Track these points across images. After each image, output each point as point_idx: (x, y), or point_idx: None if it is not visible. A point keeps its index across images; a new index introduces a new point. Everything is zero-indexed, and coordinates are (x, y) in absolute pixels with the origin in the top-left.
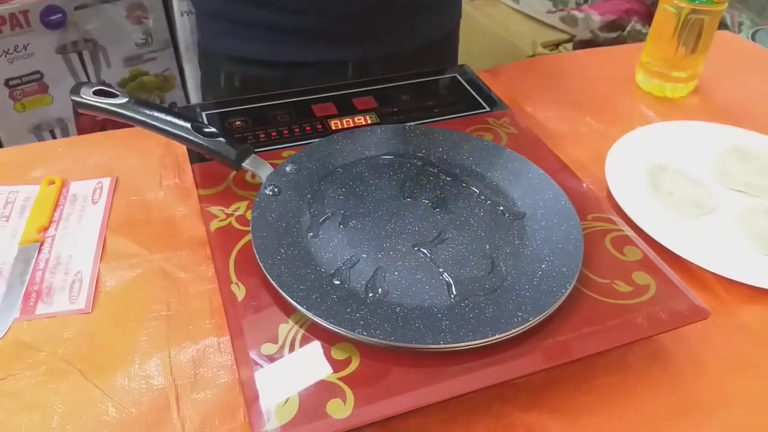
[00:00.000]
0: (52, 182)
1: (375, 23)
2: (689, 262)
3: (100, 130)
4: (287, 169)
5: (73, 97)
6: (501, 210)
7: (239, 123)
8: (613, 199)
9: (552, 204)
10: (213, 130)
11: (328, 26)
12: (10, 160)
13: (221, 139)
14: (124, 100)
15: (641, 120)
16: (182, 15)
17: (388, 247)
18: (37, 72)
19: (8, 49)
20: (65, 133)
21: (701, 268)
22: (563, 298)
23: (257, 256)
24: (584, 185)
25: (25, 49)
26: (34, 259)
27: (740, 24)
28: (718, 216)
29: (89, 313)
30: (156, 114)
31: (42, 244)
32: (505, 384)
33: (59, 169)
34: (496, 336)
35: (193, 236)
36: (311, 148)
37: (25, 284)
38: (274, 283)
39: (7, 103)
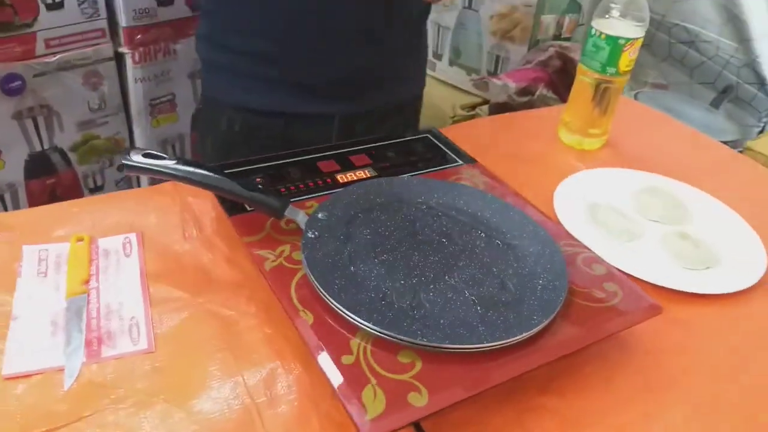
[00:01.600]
0: (80, 239)
1: (359, 85)
2: (629, 274)
3: (50, 194)
4: (319, 216)
5: (125, 162)
6: (497, 242)
7: (259, 179)
8: (565, 230)
9: (534, 235)
10: (258, 186)
11: (322, 83)
12: (28, 221)
13: (264, 193)
14: (173, 162)
15: (570, 168)
16: (135, 82)
17: (418, 274)
18: None
19: None
20: (15, 198)
21: (638, 278)
22: (562, 303)
23: (320, 288)
24: (549, 220)
25: None
26: (86, 309)
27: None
28: (644, 241)
29: (153, 352)
30: (205, 173)
31: (88, 295)
32: (522, 377)
33: (81, 227)
34: (524, 334)
35: (227, 280)
36: (334, 199)
37: (83, 332)
38: (341, 308)
39: None
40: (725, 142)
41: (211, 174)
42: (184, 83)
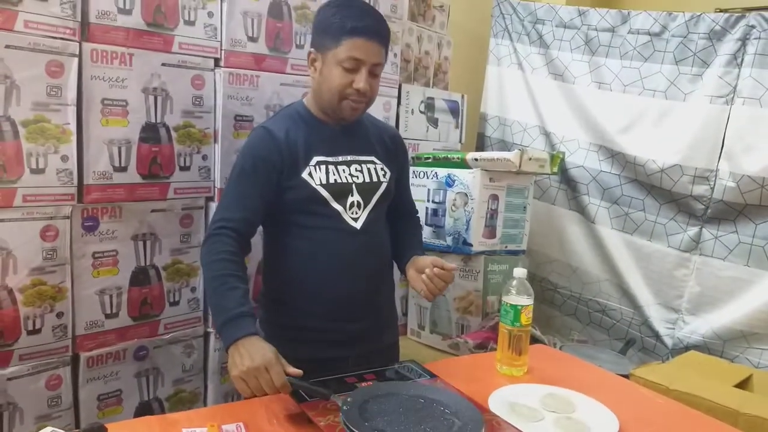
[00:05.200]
0: (212, 425)
1: (362, 337)
2: None
3: None
4: (349, 399)
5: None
6: (443, 409)
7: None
8: (491, 411)
9: (468, 409)
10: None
11: (343, 338)
12: (183, 418)
13: (322, 388)
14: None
15: (501, 385)
16: (215, 351)
17: (403, 425)
18: (118, 390)
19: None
20: None
21: None
22: None
23: (353, 429)
24: (480, 405)
25: (115, 375)
26: None
27: (554, 344)
28: (544, 422)
29: None
30: (299, 382)
31: None
32: None
33: (210, 421)
34: None
35: None
36: (356, 392)
37: None
38: None
39: None
40: (625, 375)
41: (296, 380)
42: None
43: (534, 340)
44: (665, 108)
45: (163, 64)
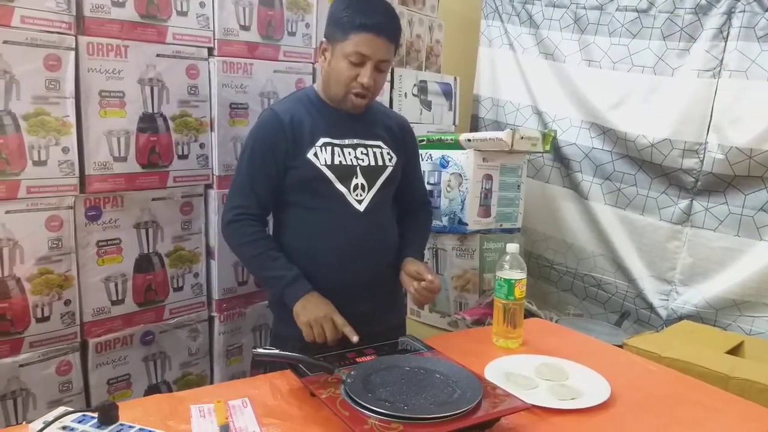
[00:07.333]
0: (219, 401)
1: (370, 318)
2: (527, 402)
3: None
4: (351, 373)
5: (255, 352)
6: (441, 377)
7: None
8: (488, 380)
9: (467, 378)
10: (322, 360)
11: (351, 318)
12: (192, 395)
13: (326, 363)
14: (276, 350)
15: (497, 356)
16: (219, 335)
17: (404, 394)
18: (127, 374)
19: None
20: None
21: (532, 404)
22: (476, 401)
23: (354, 399)
24: (476, 374)
25: (123, 360)
26: (230, 428)
27: (551, 318)
28: (538, 389)
29: None
30: (300, 356)
31: (229, 423)
32: None
33: (218, 397)
34: (455, 412)
35: (300, 414)
36: (357, 367)
37: None
38: (370, 407)
39: None
40: (619, 346)
41: (301, 356)
42: (248, 334)
43: (530, 315)
44: (654, 83)
45: (158, 55)
